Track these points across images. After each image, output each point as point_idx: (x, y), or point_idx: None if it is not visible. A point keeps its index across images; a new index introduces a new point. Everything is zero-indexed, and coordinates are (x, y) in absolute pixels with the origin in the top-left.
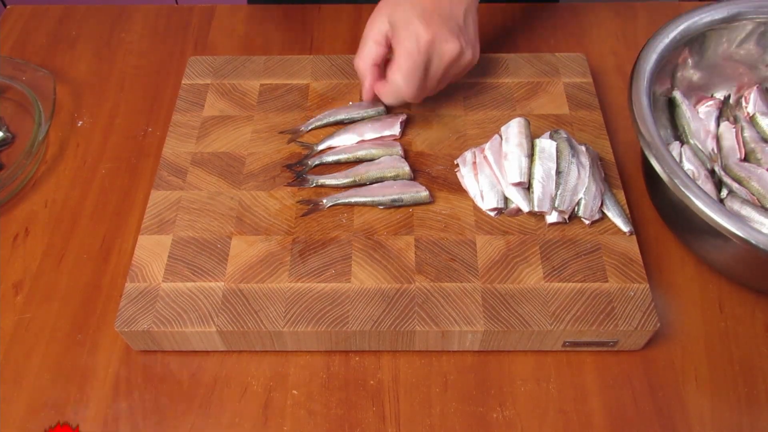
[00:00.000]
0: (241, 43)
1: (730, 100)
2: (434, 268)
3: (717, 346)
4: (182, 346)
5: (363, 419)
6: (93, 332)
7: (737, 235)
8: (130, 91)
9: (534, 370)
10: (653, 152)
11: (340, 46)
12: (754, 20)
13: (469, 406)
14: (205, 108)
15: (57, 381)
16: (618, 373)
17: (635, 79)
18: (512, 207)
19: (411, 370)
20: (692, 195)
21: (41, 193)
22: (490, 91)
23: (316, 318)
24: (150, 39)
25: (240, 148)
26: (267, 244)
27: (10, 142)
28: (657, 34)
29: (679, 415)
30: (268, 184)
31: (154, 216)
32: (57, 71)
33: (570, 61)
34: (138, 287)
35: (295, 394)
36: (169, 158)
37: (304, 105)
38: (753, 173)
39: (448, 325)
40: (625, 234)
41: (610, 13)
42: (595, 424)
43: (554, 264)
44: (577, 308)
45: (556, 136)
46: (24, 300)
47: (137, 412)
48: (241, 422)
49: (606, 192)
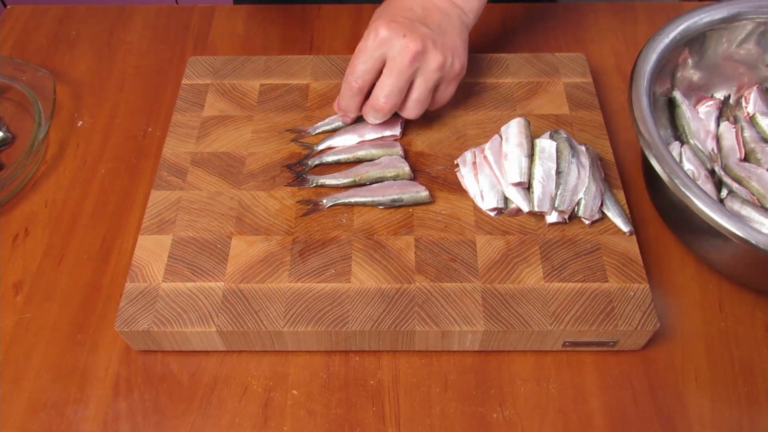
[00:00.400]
0: (241, 43)
1: (730, 100)
2: (434, 268)
3: (717, 346)
4: (182, 346)
5: (363, 419)
6: (93, 332)
7: (737, 235)
8: (130, 91)
9: (534, 370)
10: (653, 152)
11: (340, 46)
12: (754, 20)
13: (469, 406)
14: (205, 108)
15: (57, 381)
16: (618, 373)
17: (635, 79)
18: (512, 207)
19: (411, 370)
20: (692, 195)
21: (41, 193)
22: (490, 91)
23: (316, 318)
24: (150, 39)
25: (240, 148)
26: (267, 244)
27: (10, 142)
28: (657, 34)
29: (679, 415)
30: (268, 184)
31: (154, 216)
32: (57, 71)
33: (570, 61)
34: (138, 287)
35: (295, 394)
36: (169, 158)
37: (304, 105)
38: (753, 173)
39: (448, 325)
40: (625, 234)
41: (610, 13)
42: (595, 424)
43: (554, 264)
44: (577, 308)
45: (556, 136)
46: (24, 300)
47: (137, 412)
48: (241, 422)
49: (606, 192)
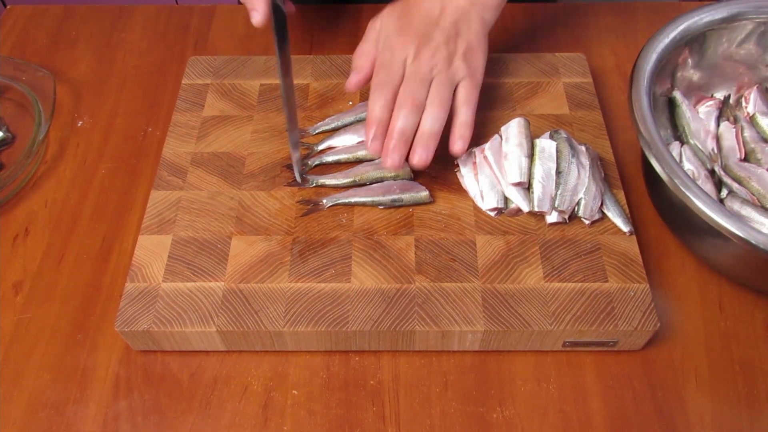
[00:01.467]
0: (241, 43)
1: (730, 100)
2: (434, 268)
3: (717, 346)
4: (182, 346)
5: (363, 419)
6: (93, 332)
7: (737, 235)
8: (130, 91)
9: (534, 370)
10: (653, 152)
11: (340, 46)
12: (754, 20)
13: (469, 406)
14: (205, 108)
15: (57, 381)
16: (618, 373)
17: (635, 79)
18: (512, 207)
19: (411, 370)
20: (692, 195)
21: (41, 193)
22: (490, 91)
23: (316, 318)
24: (150, 39)
25: (240, 148)
26: (267, 244)
27: (10, 142)
28: (657, 34)
29: (679, 415)
30: (268, 184)
31: (154, 216)
32: (57, 71)
33: (570, 61)
34: (138, 287)
35: (295, 394)
36: (169, 158)
37: (304, 105)
38: (753, 173)
39: (448, 325)
40: (625, 234)
41: (610, 13)
42: (595, 424)
43: (554, 264)
44: (577, 308)
45: (556, 136)
46: (24, 300)
47: (137, 412)
48: (241, 422)
49: (606, 192)
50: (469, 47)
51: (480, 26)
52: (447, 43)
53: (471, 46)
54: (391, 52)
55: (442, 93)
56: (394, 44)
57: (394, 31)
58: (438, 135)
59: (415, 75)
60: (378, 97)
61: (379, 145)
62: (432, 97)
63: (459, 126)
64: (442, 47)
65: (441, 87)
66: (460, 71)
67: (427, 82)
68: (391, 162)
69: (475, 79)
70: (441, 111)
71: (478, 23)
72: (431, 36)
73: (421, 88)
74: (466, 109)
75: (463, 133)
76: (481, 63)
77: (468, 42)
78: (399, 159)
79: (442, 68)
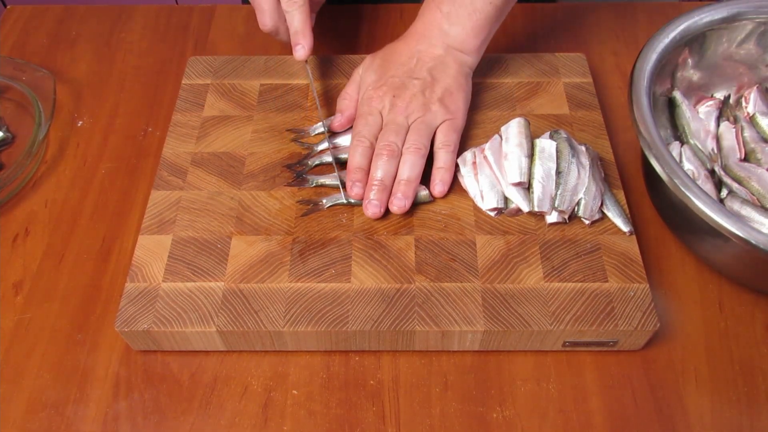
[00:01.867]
0: (241, 43)
1: (730, 100)
2: (434, 268)
3: (717, 346)
4: (182, 346)
5: (363, 419)
6: (93, 332)
7: (737, 235)
8: (130, 91)
9: (534, 370)
10: (653, 152)
11: (341, 46)
12: (754, 20)
13: (469, 406)
14: (205, 108)
15: (57, 381)
16: (618, 373)
17: (635, 79)
18: (512, 207)
19: (411, 370)
20: (692, 195)
21: (41, 193)
22: (490, 91)
23: (316, 318)
24: (150, 39)
25: (240, 148)
26: (267, 244)
27: (10, 142)
28: (657, 34)
29: (679, 415)
30: (268, 184)
31: (154, 216)
32: (57, 71)
33: (570, 61)
34: (138, 287)
35: (295, 394)
36: (169, 158)
37: (304, 105)
38: (753, 173)
39: (448, 325)
40: (625, 234)
41: (610, 13)
42: (595, 424)
43: (554, 264)
44: (577, 308)
45: (556, 136)
46: (24, 300)
47: (137, 412)
48: (241, 422)
49: (606, 192)
50: (446, 91)
51: (457, 70)
52: (423, 91)
53: (449, 89)
54: (368, 104)
55: (419, 139)
56: (372, 96)
57: (372, 83)
58: (416, 181)
59: (391, 124)
60: (357, 145)
61: (360, 191)
62: (408, 144)
63: (438, 170)
64: (418, 95)
65: (417, 133)
66: (439, 115)
67: (403, 129)
68: (371, 212)
69: (455, 122)
70: (417, 157)
71: (455, 67)
72: (407, 86)
73: (397, 136)
74: (444, 153)
75: (442, 176)
76: (460, 105)
77: (445, 86)
78: (378, 209)
79: (419, 115)
